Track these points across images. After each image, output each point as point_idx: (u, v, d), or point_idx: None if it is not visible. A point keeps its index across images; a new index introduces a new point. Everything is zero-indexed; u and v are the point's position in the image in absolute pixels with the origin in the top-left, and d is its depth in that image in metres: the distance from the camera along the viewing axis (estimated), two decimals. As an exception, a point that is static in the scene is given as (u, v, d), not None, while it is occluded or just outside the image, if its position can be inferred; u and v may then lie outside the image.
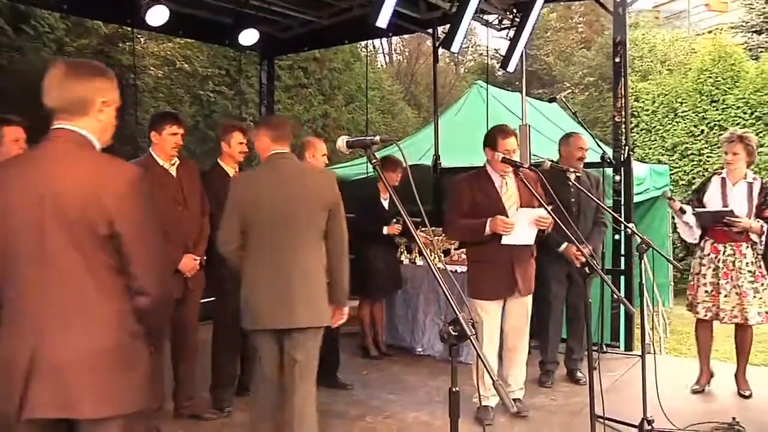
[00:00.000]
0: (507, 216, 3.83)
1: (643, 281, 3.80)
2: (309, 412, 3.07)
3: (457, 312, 1.68)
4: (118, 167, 1.96)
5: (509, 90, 10.60)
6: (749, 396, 4.38)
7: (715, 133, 10.27)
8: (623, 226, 4.97)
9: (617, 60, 5.58)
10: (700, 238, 4.47)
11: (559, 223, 3.16)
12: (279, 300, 2.98)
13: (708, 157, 10.39)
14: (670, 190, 5.63)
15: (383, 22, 5.06)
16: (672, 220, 7.35)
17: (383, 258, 5.46)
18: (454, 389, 1.75)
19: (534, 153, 5.89)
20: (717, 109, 10.52)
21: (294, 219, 3.01)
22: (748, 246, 4.30)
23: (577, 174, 4.49)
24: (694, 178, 10.18)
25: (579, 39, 20.90)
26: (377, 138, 2.09)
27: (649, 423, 3.40)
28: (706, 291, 4.38)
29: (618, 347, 5.59)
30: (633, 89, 11.01)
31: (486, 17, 6.61)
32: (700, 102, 10.72)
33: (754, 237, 4.28)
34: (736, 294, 4.27)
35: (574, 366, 4.84)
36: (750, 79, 10.35)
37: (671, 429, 3.63)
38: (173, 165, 3.86)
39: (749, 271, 4.28)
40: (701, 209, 4.40)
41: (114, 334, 1.90)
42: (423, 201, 2.02)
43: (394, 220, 5.29)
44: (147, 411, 2.08)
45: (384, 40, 19.93)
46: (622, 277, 5.53)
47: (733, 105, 10.34)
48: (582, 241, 3.42)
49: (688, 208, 4.43)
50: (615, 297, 4.54)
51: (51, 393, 1.83)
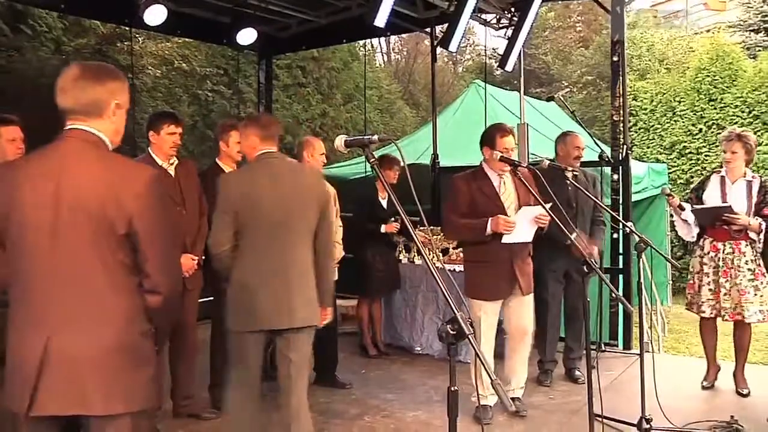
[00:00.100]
0: (505, 215, 3.83)
1: (642, 280, 3.78)
2: (304, 411, 3.06)
3: (456, 311, 1.68)
4: (136, 168, 2.02)
5: (507, 89, 10.61)
6: (747, 394, 4.39)
7: (714, 132, 10.27)
8: (621, 224, 4.97)
9: (615, 59, 5.58)
10: (698, 236, 4.48)
11: (557, 222, 3.16)
12: (277, 300, 2.95)
13: (706, 156, 10.40)
14: (668, 188, 5.62)
15: (381, 21, 5.06)
16: (670, 218, 7.36)
17: (382, 257, 5.46)
18: (452, 388, 1.74)
19: (532, 152, 5.89)
20: (715, 108, 10.53)
21: (290, 218, 2.99)
22: (747, 244, 4.32)
23: (575, 173, 4.51)
24: (692, 176, 10.19)
25: (577, 38, 20.91)
26: (375, 137, 2.09)
27: (648, 421, 3.39)
28: (710, 289, 4.39)
29: (616, 346, 5.59)
30: (631, 88, 11.01)
31: (484, 16, 6.61)
32: (698, 101, 10.73)
33: (753, 235, 4.29)
34: (737, 291, 4.28)
35: (572, 365, 4.84)
36: (748, 78, 10.36)
37: (670, 427, 3.63)
38: (172, 165, 3.86)
39: (749, 269, 4.29)
40: (700, 206, 4.41)
41: (125, 332, 1.93)
42: (421, 200, 2.02)
43: (392, 219, 5.29)
44: (152, 410, 2.10)
45: (382, 39, 19.93)
46: (620, 276, 5.53)
47: (731, 104, 10.35)
48: (583, 241, 3.42)
49: (686, 205, 4.44)
50: (613, 296, 4.52)
51: (63, 389, 1.84)
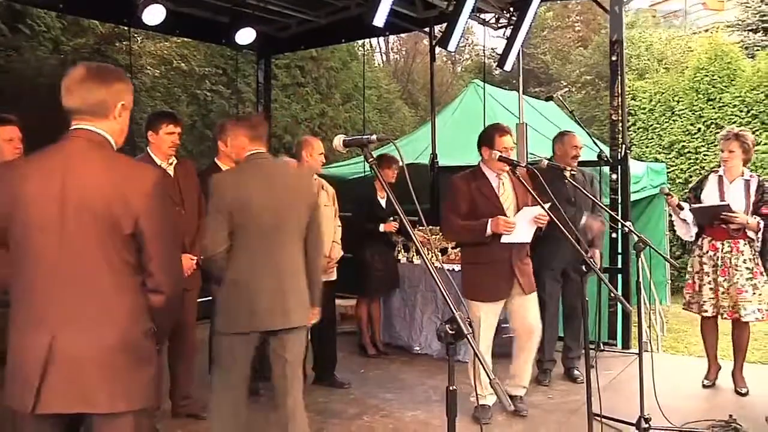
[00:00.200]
0: (505, 215, 3.83)
1: (640, 279, 3.79)
2: (300, 411, 3.07)
3: (454, 311, 1.68)
4: (142, 168, 2.05)
5: (506, 89, 10.61)
6: (746, 393, 4.39)
7: (712, 131, 10.29)
8: (620, 224, 4.97)
9: (614, 58, 5.58)
10: (696, 236, 4.49)
11: (557, 222, 3.16)
12: (273, 301, 2.95)
13: (705, 155, 10.41)
14: (667, 187, 5.63)
15: (380, 20, 5.06)
16: (669, 218, 7.36)
17: (381, 257, 5.46)
18: (451, 388, 1.74)
19: (531, 151, 5.90)
20: (713, 108, 10.55)
21: (282, 219, 2.99)
22: (745, 243, 4.32)
23: (573, 172, 4.52)
24: (690, 176, 10.20)
25: (576, 37, 20.91)
26: (374, 137, 2.09)
27: (647, 421, 3.39)
28: (710, 288, 4.40)
29: (615, 345, 5.60)
30: (630, 88, 11.03)
31: (483, 16, 6.61)
32: (696, 100, 10.74)
33: (751, 234, 4.30)
34: (734, 290, 4.29)
35: (571, 364, 4.84)
36: (746, 78, 10.37)
37: (668, 427, 3.64)
38: (170, 164, 3.85)
39: (747, 268, 4.29)
40: (698, 205, 4.42)
41: (129, 332, 1.94)
42: (420, 200, 2.02)
43: (391, 218, 5.29)
44: (151, 409, 2.11)
45: (381, 38, 19.94)
46: (619, 276, 5.54)
47: (730, 103, 10.36)
48: (583, 243, 3.42)
49: (685, 204, 4.45)
50: (612, 295, 4.54)
51: (67, 387, 1.85)
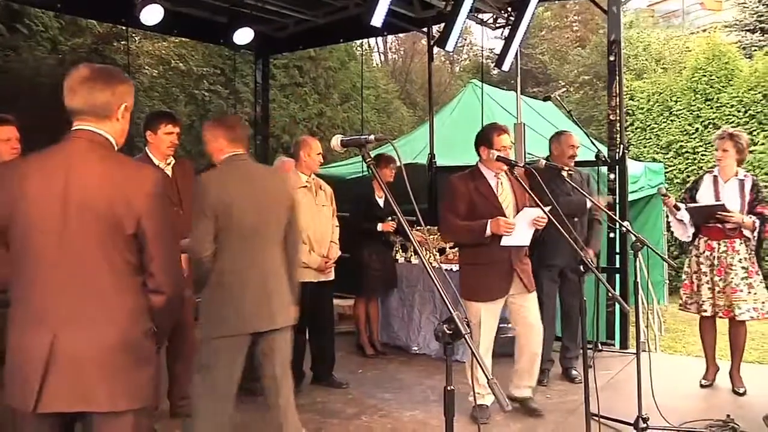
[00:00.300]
0: (503, 215, 3.83)
1: (638, 279, 3.79)
2: (292, 410, 3.07)
3: (452, 311, 1.68)
4: (143, 168, 2.06)
5: (504, 89, 10.62)
6: (743, 393, 4.40)
7: (710, 132, 10.28)
8: (618, 224, 4.98)
9: (612, 58, 5.60)
10: (693, 236, 4.50)
11: (556, 224, 3.16)
12: (259, 302, 2.94)
13: (703, 155, 10.41)
14: (665, 188, 5.64)
15: (378, 20, 5.05)
16: (667, 218, 7.37)
17: (379, 256, 5.46)
18: (449, 388, 1.74)
19: (529, 151, 5.91)
20: (711, 108, 10.55)
21: (266, 221, 2.99)
22: (741, 242, 4.34)
23: (570, 172, 4.52)
24: (688, 176, 10.20)
25: (574, 38, 20.93)
26: (372, 137, 2.09)
27: (644, 420, 3.40)
28: (709, 288, 4.41)
29: (613, 345, 5.61)
30: (628, 88, 11.03)
31: (481, 16, 6.61)
32: (694, 100, 10.75)
33: (747, 233, 4.31)
34: (730, 289, 4.30)
35: (569, 364, 4.84)
36: (744, 78, 10.38)
37: (666, 426, 3.64)
38: (169, 164, 3.85)
39: (742, 267, 4.31)
40: (694, 204, 4.44)
41: (129, 331, 1.94)
42: (418, 200, 2.03)
43: (389, 218, 5.29)
44: (151, 408, 2.12)
45: (379, 39, 19.94)
46: (617, 275, 5.55)
47: (727, 103, 10.37)
48: (580, 242, 3.42)
49: (682, 205, 4.46)
50: (610, 295, 4.54)
51: (68, 386, 1.86)
